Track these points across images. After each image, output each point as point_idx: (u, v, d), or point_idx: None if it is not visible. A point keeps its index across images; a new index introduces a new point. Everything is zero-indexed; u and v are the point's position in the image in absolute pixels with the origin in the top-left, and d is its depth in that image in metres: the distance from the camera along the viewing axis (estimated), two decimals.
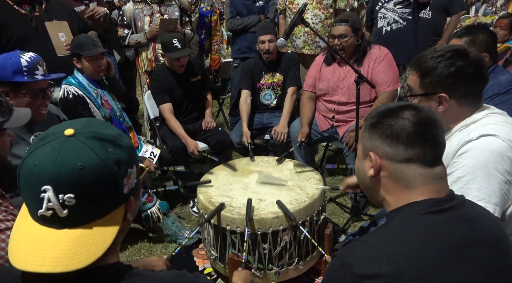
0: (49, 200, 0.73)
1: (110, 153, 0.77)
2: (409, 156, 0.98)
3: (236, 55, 4.11)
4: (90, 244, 0.75)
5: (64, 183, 0.73)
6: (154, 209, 2.59)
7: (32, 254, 0.74)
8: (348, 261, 0.92)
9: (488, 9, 5.07)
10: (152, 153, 2.85)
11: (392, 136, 0.99)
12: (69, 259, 0.73)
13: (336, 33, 2.79)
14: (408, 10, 3.62)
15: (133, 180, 0.83)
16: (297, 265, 2.12)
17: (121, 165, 0.79)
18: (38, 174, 0.73)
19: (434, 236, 0.92)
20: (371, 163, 1.03)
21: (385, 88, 2.80)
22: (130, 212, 0.85)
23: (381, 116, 1.03)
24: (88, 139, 0.77)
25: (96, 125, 0.81)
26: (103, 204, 0.78)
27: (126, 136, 0.85)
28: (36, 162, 0.74)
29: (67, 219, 0.75)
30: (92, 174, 0.74)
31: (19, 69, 1.91)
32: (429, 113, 1.01)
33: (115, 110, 2.75)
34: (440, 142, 1.00)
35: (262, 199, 2.11)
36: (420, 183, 0.99)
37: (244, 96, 3.36)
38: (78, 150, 0.75)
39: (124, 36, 3.48)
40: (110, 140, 0.79)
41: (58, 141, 0.76)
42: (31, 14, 2.70)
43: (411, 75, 1.49)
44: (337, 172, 3.50)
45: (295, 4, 3.81)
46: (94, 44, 2.57)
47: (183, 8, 3.64)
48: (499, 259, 0.96)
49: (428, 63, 1.42)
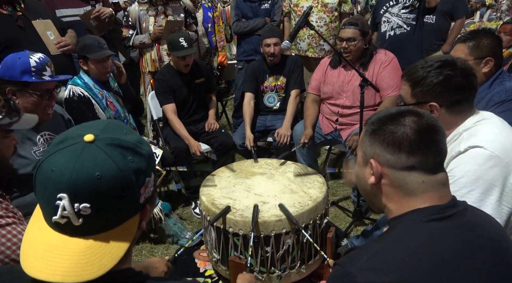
0: (64, 208, 0.72)
1: (129, 162, 0.75)
2: (411, 163, 0.97)
3: (241, 57, 4.10)
4: (102, 255, 0.74)
5: (81, 192, 0.71)
6: (156, 210, 2.59)
7: (43, 261, 0.73)
8: (350, 270, 0.91)
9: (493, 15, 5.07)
10: (154, 154, 2.85)
11: (394, 144, 0.97)
12: (80, 269, 0.72)
13: (344, 35, 2.78)
14: (412, 16, 3.62)
15: (150, 188, 0.81)
16: (300, 269, 2.11)
17: (140, 175, 0.77)
18: (55, 181, 0.71)
19: (437, 244, 0.91)
20: (372, 171, 1.02)
21: (390, 92, 2.79)
22: (144, 221, 0.83)
23: (382, 122, 1.01)
24: (107, 146, 0.74)
25: (116, 130, 0.79)
26: (119, 214, 0.76)
27: (146, 143, 0.82)
28: (53, 167, 0.72)
29: (81, 227, 0.73)
30: (109, 184, 0.72)
31: (27, 69, 1.93)
32: (431, 119, 1.00)
33: (120, 112, 2.75)
34: (442, 149, 0.99)
35: (265, 202, 2.11)
36: (423, 190, 0.97)
37: (247, 99, 3.36)
38: (97, 158, 0.73)
39: (129, 36, 3.49)
40: (130, 147, 0.77)
41: (77, 147, 0.73)
42: (15, 14, 2.64)
43: (403, 85, 1.53)
44: (339, 176, 3.48)
45: (299, 7, 3.81)
46: (100, 46, 2.57)
47: (187, 9, 3.65)
48: (503, 264, 0.95)
49: (419, 73, 1.46)
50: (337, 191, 3.31)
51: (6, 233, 1.33)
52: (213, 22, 4.31)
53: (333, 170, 2.56)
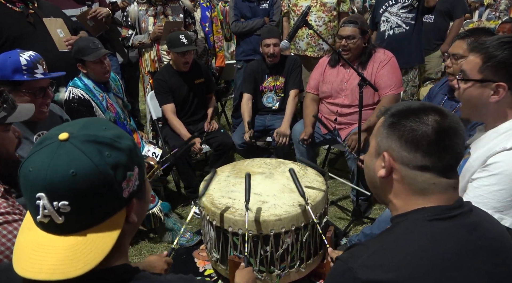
0: (44, 207, 0.73)
1: (106, 157, 0.75)
2: (426, 164, 0.94)
3: (240, 57, 4.10)
4: (88, 251, 0.74)
5: (58, 190, 0.72)
6: (155, 209, 2.60)
7: (31, 260, 0.74)
8: (352, 265, 0.90)
9: (491, 14, 5.08)
10: (154, 154, 2.86)
11: (412, 141, 0.94)
12: (66, 266, 0.73)
13: (344, 33, 2.79)
14: (411, 15, 3.62)
15: (134, 182, 0.81)
16: (299, 268, 2.11)
17: (118, 169, 0.77)
18: (33, 181, 0.73)
19: (439, 244, 0.90)
20: (384, 164, 0.99)
21: (388, 91, 2.80)
22: (135, 215, 0.83)
23: (402, 116, 0.97)
24: (82, 143, 0.74)
25: (94, 127, 0.79)
26: (101, 210, 0.76)
27: (126, 137, 0.82)
28: (30, 168, 0.73)
29: (64, 225, 0.74)
30: (85, 180, 0.72)
31: (18, 68, 1.91)
32: (454, 121, 0.96)
33: (120, 114, 2.75)
34: (459, 153, 0.96)
35: (264, 201, 2.11)
36: (432, 192, 0.96)
37: (245, 99, 3.36)
38: (71, 155, 0.73)
39: (128, 36, 3.49)
40: (106, 143, 0.76)
41: (53, 146, 0.74)
42: (26, 11, 2.68)
43: (472, 57, 1.39)
44: (338, 175, 3.47)
45: (298, 6, 3.82)
46: (95, 46, 2.54)
47: (186, 9, 3.65)
48: (505, 265, 0.95)
49: (495, 48, 1.34)
50: (336, 190, 3.32)
51: (12, 229, 1.34)
52: (211, 22, 4.30)
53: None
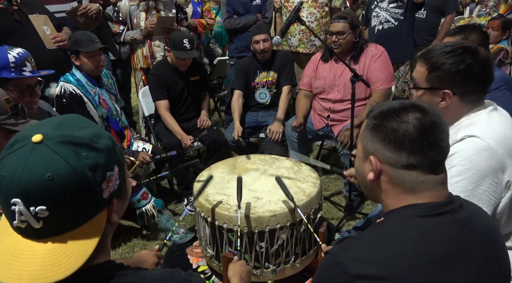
0: (21, 213, 0.70)
1: (84, 158, 0.72)
2: (412, 162, 0.95)
3: (233, 54, 4.09)
4: (70, 254, 0.72)
5: (34, 195, 0.69)
6: (149, 206, 2.58)
7: (9, 266, 0.71)
8: (342, 259, 0.91)
9: (482, 10, 5.12)
10: (144, 149, 2.84)
11: (395, 141, 0.95)
12: (47, 271, 0.70)
13: (334, 29, 2.80)
14: (400, 11, 3.64)
15: (114, 182, 0.79)
16: (294, 263, 2.12)
17: (98, 170, 0.74)
18: (6, 187, 0.69)
19: (430, 240, 0.91)
20: (372, 167, 1.00)
21: (379, 86, 2.81)
22: (115, 215, 0.81)
23: (384, 117, 0.98)
24: (58, 145, 0.71)
25: (70, 126, 0.76)
26: (80, 212, 0.74)
27: (104, 135, 0.79)
28: (3, 172, 0.70)
29: (43, 230, 0.72)
30: (63, 184, 0.70)
31: (6, 65, 1.87)
32: (435, 116, 0.97)
33: (112, 109, 2.73)
34: (444, 148, 0.97)
35: (259, 197, 2.11)
36: (421, 189, 0.97)
37: (236, 96, 3.36)
38: (47, 158, 0.69)
39: (120, 32, 3.45)
40: (83, 143, 0.73)
41: (26, 149, 0.70)
42: (11, 7, 2.63)
43: (419, 67, 1.46)
44: (331, 171, 3.49)
45: (290, 2, 3.81)
46: (92, 40, 2.54)
47: (178, 4, 3.62)
48: (494, 260, 0.96)
49: (438, 58, 1.39)
50: (329, 186, 3.34)
51: None
52: (202, 17, 4.29)
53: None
